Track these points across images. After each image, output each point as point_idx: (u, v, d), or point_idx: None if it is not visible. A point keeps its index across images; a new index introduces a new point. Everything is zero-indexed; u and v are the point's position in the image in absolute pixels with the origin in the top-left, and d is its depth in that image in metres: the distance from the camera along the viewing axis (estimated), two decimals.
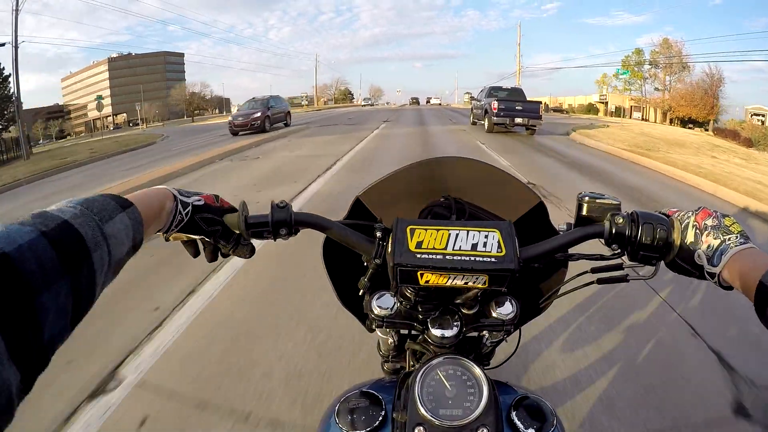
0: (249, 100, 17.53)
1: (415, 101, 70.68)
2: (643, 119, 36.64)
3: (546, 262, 0.69)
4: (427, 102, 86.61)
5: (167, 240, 0.59)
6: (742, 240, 0.51)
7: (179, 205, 0.55)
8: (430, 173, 0.77)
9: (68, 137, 69.95)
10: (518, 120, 12.78)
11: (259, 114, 15.62)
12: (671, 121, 36.68)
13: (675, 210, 0.61)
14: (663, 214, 0.61)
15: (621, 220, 0.59)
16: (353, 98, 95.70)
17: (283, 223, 0.61)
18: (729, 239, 0.52)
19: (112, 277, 0.42)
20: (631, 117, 36.64)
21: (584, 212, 0.64)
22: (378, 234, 0.61)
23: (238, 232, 0.61)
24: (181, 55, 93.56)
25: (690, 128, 33.21)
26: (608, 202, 0.63)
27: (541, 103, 13.91)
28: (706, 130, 32.96)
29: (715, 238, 0.53)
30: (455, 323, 0.62)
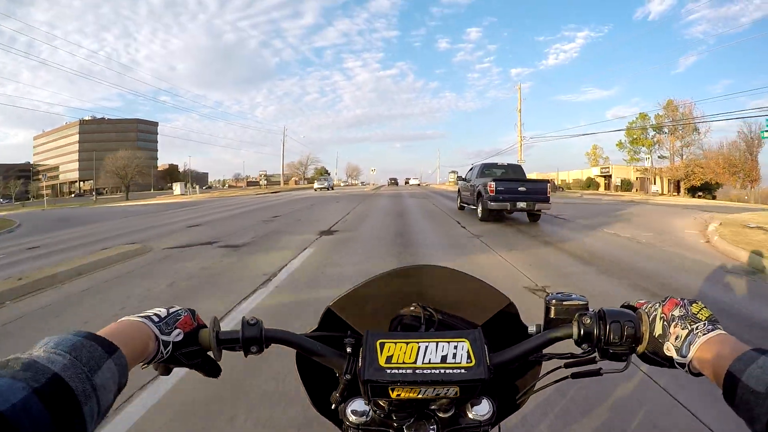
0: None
1: (394, 182, 69.58)
2: (662, 192, 33.93)
3: (520, 363, 0.69)
4: (406, 182, 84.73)
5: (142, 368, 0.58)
6: (710, 327, 0.52)
7: (161, 346, 0.55)
8: (400, 281, 0.77)
9: (30, 199, 64.89)
10: (521, 204, 9.61)
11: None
12: (687, 191, 34.31)
13: (643, 302, 0.62)
14: (630, 307, 0.63)
15: (588, 321, 0.60)
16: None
17: (253, 340, 0.61)
18: (697, 328, 0.53)
19: (100, 422, 0.42)
20: (647, 191, 33.97)
21: (552, 315, 0.66)
22: (348, 349, 0.62)
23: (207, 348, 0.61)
24: (155, 124, 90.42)
25: (701, 196, 30.63)
26: (575, 303, 0.65)
27: (548, 182, 10.76)
28: (714, 197, 30.34)
29: (682, 329, 0.54)
30: (431, 427, 0.62)
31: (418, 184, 71.63)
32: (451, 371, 0.55)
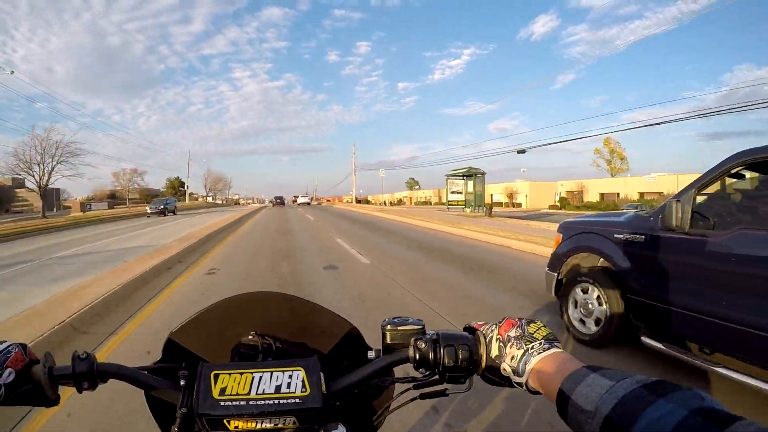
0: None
1: (279, 202, 57.80)
2: None
3: (367, 388, 0.69)
4: (294, 201, 74.61)
5: None
6: (546, 345, 0.53)
7: None
8: (242, 309, 0.75)
9: None
10: None
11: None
12: None
13: (481, 323, 0.63)
14: (470, 329, 0.64)
15: (423, 345, 0.61)
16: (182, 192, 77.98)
17: (85, 375, 0.58)
18: (532, 347, 0.54)
19: None
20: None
21: (388, 341, 0.66)
22: (182, 382, 0.61)
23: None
24: None
25: None
26: (410, 328, 0.66)
27: None
28: None
29: (518, 349, 0.55)
30: None
31: (308, 203, 62.66)
32: (285, 401, 0.55)
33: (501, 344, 0.58)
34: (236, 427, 0.54)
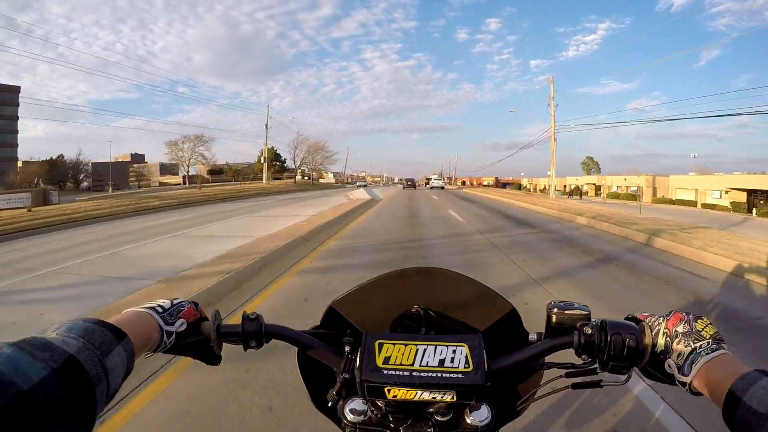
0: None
1: (410, 184, 50.56)
2: None
3: (520, 371, 0.69)
4: (426, 184, 67.26)
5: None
6: (714, 346, 0.52)
7: (164, 336, 0.57)
8: (404, 282, 0.77)
9: None
10: None
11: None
12: None
13: (647, 315, 0.62)
14: (634, 319, 0.62)
15: (590, 331, 0.60)
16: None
17: (253, 334, 0.62)
18: (700, 346, 0.52)
19: (106, 405, 0.44)
20: None
21: (553, 322, 0.65)
22: (347, 348, 0.62)
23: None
24: (15, 89, 61.17)
25: None
26: (577, 312, 0.64)
27: None
28: None
29: (686, 346, 0.53)
30: (428, 431, 0.62)
31: (442, 187, 50.80)
32: (448, 375, 0.55)
33: (668, 339, 0.56)
34: (395, 396, 0.56)
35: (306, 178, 65.24)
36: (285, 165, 64.53)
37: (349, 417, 0.63)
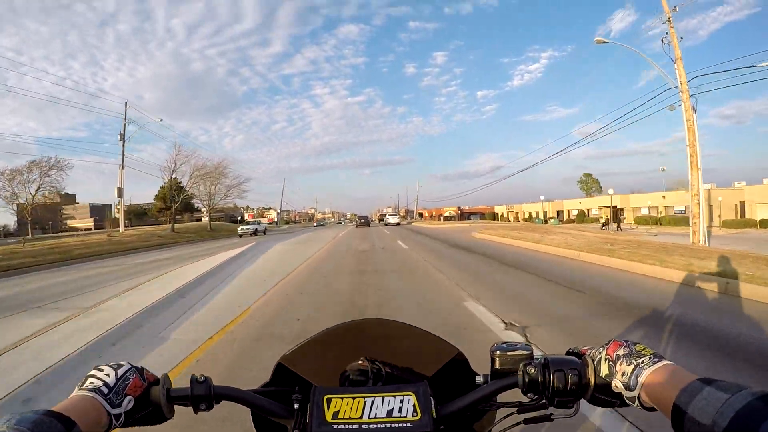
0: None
1: (363, 222, 47.89)
2: None
3: (472, 412, 0.70)
4: (380, 221, 63.29)
5: None
6: (655, 359, 0.53)
7: (113, 419, 0.56)
8: (350, 334, 0.77)
9: None
10: None
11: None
12: None
13: (587, 348, 0.64)
14: (576, 353, 0.64)
15: (533, 371, 0.61)
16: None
17: (203, 397, 0.62)
18: (642, 362, 0.54)
19: None
20: None
21: (497, 366, 0.66)
22: (296, 405, 0.63)
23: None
24: None
25: None
26: (520, 353, 0.66)
27: None
28: None
29: (628, 365, 0.55)
30: None
31: (398, 223, 49.28)
32: (397, 426, 0.56)
33: (610, 363, 0.58)
34: None
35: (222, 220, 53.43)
36: (192, 203, 44.43)
37: None
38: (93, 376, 0.58)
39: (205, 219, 49.25)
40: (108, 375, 0.58)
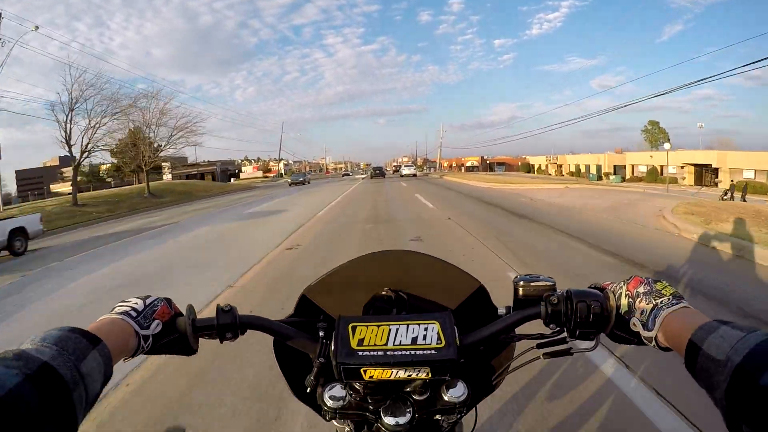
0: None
1: (378, 173, 44.12)
2: None
3: (492, 344, 0.71)
4: (395, 171, 60.12)
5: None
6: (674, 301, 0.54)
7: (141, 341, 0.57)
8: (373, 266, 0.78)
9: None
10: None
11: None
12: None
13: (608, 283, 0.64)
14: (597, 288, 0.64)
15: (556, 301, 0.61)
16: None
17: (228, 326, 0.62)
18: (661, 302, 0.54)
19: (89, 409, 0.44)
20: None
21: (520, 295, 0.67)
22: (321, 333, 0.64)
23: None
24: None
25: None
26: (543, 284, 0.66)
27: None
28: None
29: (647, 303, 0.55)
30: (407, 410, 0.63)
31: (414, 174, 43.34)
32: (421, 352, 0.56)
33: (630, 299, 0.58)
34: (371, 376, 0.57)
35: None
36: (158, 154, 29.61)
37: (329, 403, 0.63)
38: (121, 305, 0.59)
39: (168, 177, 40.33)
40: (137, 303, 0.59)
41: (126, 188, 33.29)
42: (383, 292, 0.74)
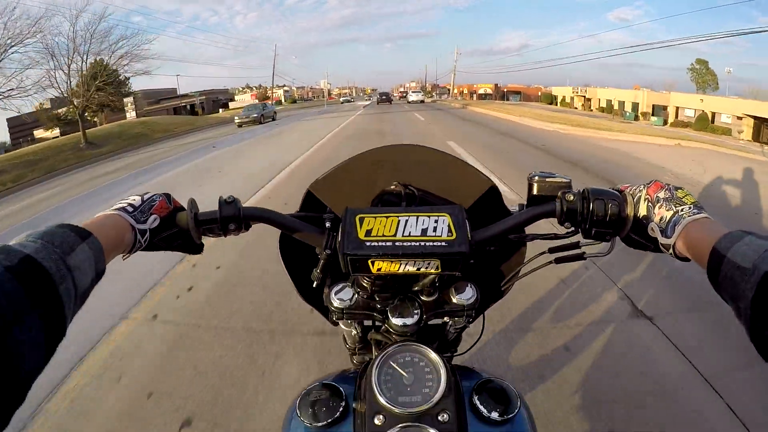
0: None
1: (385, 99, 40.60)
2: None
3: (502, 245, 0.70)
4: (401, 97, 57.02)
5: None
6: (695, 210, 0.52)
7: (137, 235, 0.56)
8: (382, 161, 0.75)
9: None
10: None
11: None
12: None
13: (627, 185, 0.62)
14: (615, 189, 0.61)
15: (572, 198, 0.60)
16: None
17: (231, 218, 0.61)
18: (682, 210, 0.52)
19: (79, 306, 0.44)
20: None
21: (535, 192, 0.65)
22: (327, 224, 0.63)
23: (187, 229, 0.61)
24: None
25: None
26: (558, 180, 0.64)
27: None
28: None
29: (667, 210, 0.53)
30: (415, 311, 0.63)
31: (422, 101, 39.56)
32: (431, 244, 0.54)
33: (650, 204, 0.56)
34: (379, 269, 0.55)
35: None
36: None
37: (336, 303, 0.63)
38: (121, 200, 0.58)
39: (131, 115, 32.67)
40: (134, 199, 0.58)
41: (60, 139, 25.51)
42: (392, 187, 0.70)
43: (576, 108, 45.66)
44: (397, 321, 0.62)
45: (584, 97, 47.06)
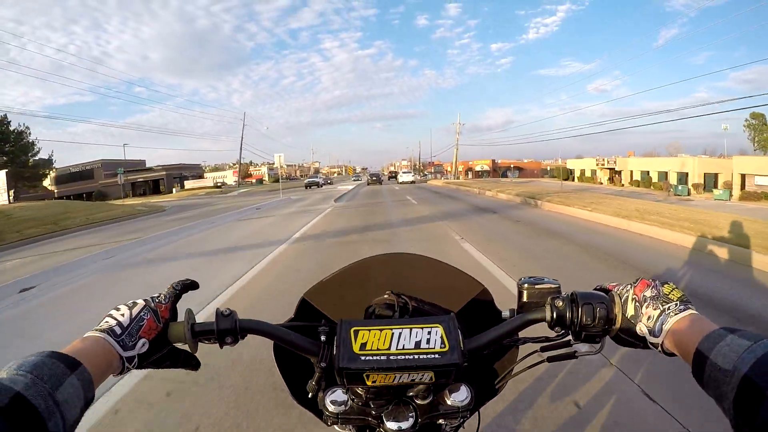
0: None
1: (375, 179, 41.54)
2: None
3: (496, 348, 0.70)
4: (391, 177, 58.38)
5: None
6: (681, 307, 0.53)
7: (125, 362, 0.55)
8: (374, 269, 0.77)
9: None
10: None
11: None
12: None
13: (615, 284, 0.63)
14: (603, 290, 0.63)
15: (561, 304, 0.61)
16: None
17: (228, 331, 0.61)
18: (668, 308, 0.54)
19: None
20: None
21: (525, 299, 0.66)
22: (322, 338, 0.63)
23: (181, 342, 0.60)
24: None
25: None
26: (547, 286, 0.66)
27: None
28: None
29: (654, 309, 0.55)
30: (410, 414, 0.63)
31: (413, 182, 39.03)
32: (425, 357, 0.56)
33: (637, 304, 0.57)
34: (374, 381, 0.56)
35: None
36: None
37: (330, 408, 0.63)
38: (110, 316, 0.57)
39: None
40: (123, 315, 0.57)
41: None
42: (385, 296, 0.72)
43: (602, 183, 39.30)
44: (392, 425, 0.62)
45: (612, 169, 40.78)
